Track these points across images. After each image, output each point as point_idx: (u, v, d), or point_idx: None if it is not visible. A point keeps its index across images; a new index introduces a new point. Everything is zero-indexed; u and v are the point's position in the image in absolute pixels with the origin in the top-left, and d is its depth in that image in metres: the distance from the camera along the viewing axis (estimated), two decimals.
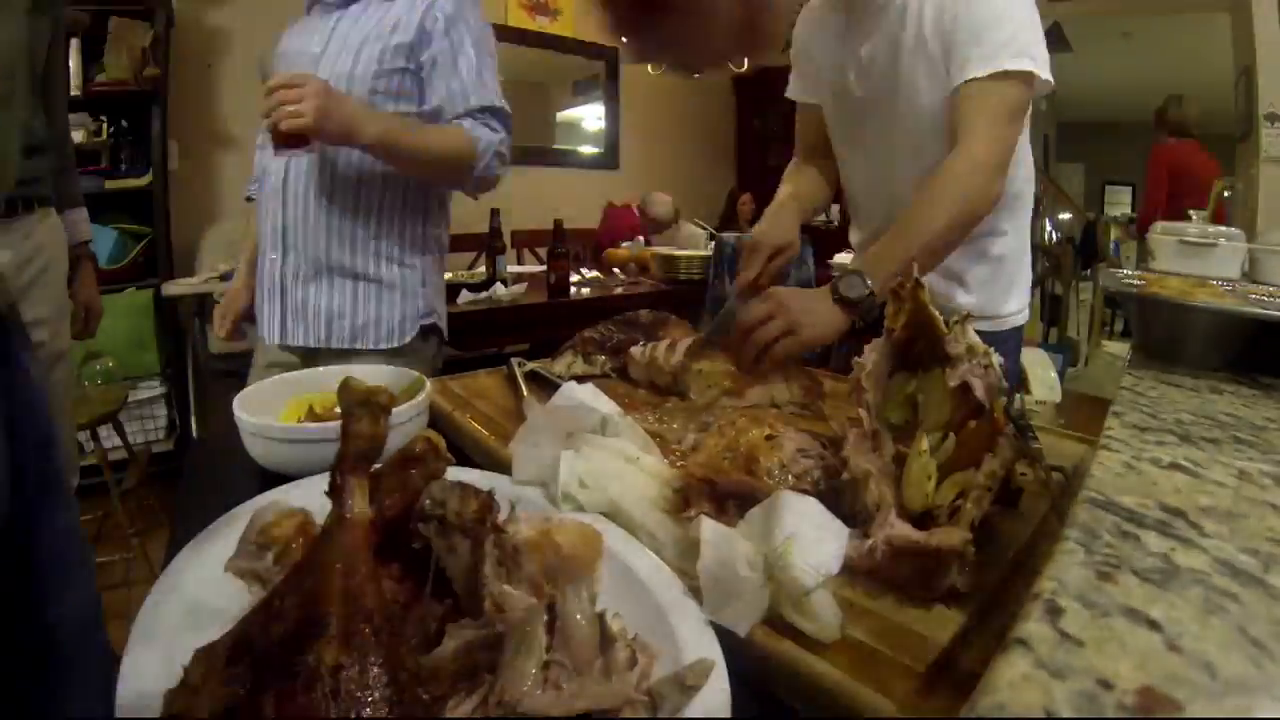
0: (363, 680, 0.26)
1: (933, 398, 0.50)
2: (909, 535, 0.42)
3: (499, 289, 2.31)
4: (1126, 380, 0.63)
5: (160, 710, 0.30)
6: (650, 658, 0.33)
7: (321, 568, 0.31)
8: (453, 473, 0.42)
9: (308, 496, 0.44)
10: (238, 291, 1.39)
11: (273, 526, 0.39)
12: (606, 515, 0.50)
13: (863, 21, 1.00)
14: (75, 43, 2.61)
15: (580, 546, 0.40)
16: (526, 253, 3.74)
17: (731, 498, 0.49)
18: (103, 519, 2.21)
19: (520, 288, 2.35)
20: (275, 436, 0.66)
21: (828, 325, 0.83)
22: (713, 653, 0.36)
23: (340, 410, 0.39)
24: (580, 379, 0.76)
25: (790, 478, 0.51)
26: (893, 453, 0.48)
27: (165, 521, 2.22)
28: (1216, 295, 0.73)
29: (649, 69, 3.49)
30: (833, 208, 3.82)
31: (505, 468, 0.57)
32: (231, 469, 0.72)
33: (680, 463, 0.59)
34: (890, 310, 0.51)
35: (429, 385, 0.77)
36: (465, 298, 2.25)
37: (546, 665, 0.29)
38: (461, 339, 2.24)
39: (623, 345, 0.96)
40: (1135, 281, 0.80)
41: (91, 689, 0.70)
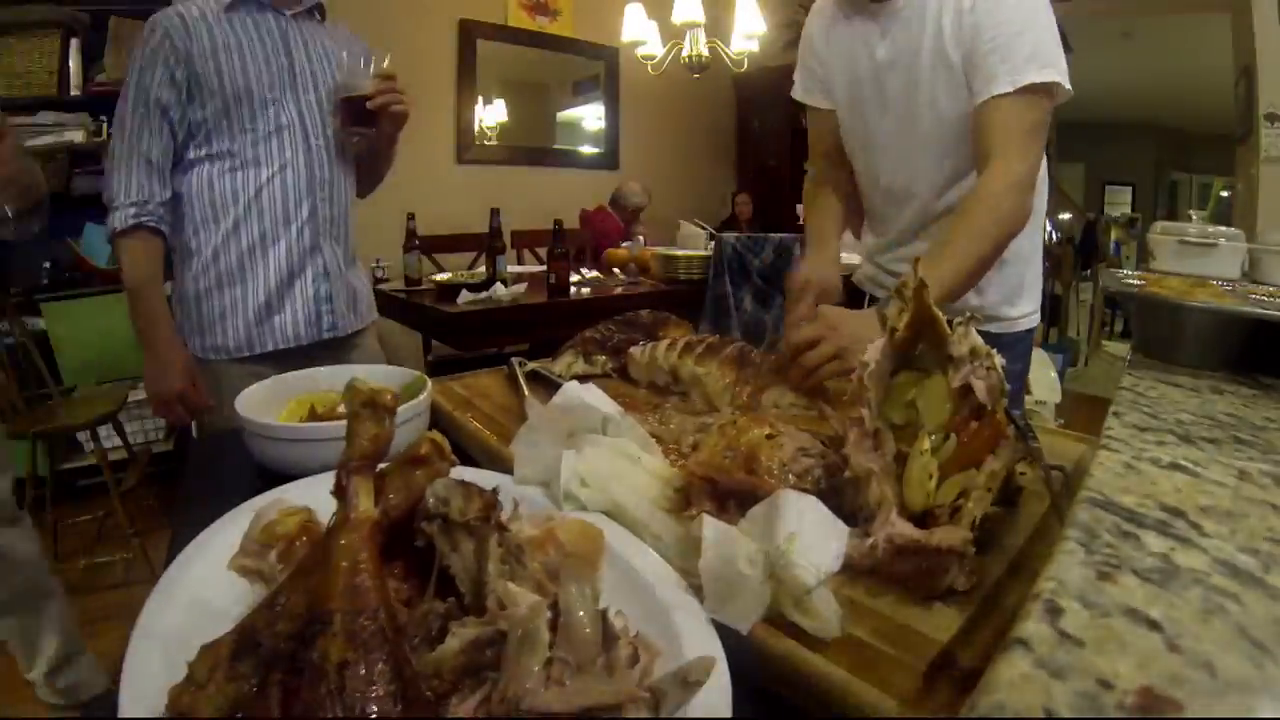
0: (367, 677, 0.26)
1: (934, 398, 0.50)
2: (910, 534, 0.42)
3: (499, 289, 2.31)
4: (1126, 380, 0.63)
5: (164, 707, 0.30)
6: (652, 655, 0.33)
7: (326, 566, 0.31)
8: (455, 472, 0.42)
9: (309, 494, 0.44)
10: (187, 362, 1.32)
11: (276, 525, 0.39)
12: (608, 514, 0.50)
13: (879, 23, 0.99)
14: (75, 43, 2.61)
15: (582, 544, 0.41)
16: (526, 253, 3.74)
17: (732, 496, 0.49)
18: (103, 519, 2.21)
19: (520, 288, 2.35)
20: (276, 436, 0.66)
21: None
22: (714, 651, 0.36)
23: (345, 411, 0.39)
24: (581, 379, 0.76)
25: (791, 476, 0.51)
26: (894, 452, 0.48)
27: (165, 521, 2.22)
28: (1216, 295, 0.73)
29: (649, 69, 3.48)
30: None
31: (507, 467, 0.57)
32: (231, 469, 0.72)
33: (681, 462, 0.59)
34: (893, 310, 0.51)
35: (430, 385, 0.78)
36: (465, 298, 2.25)
37: (549, 663, 0.30)
38: (461, 339, 2.25)
39: (623, 345, 0.96)
40: (1135, 281, 0.80)
41: None
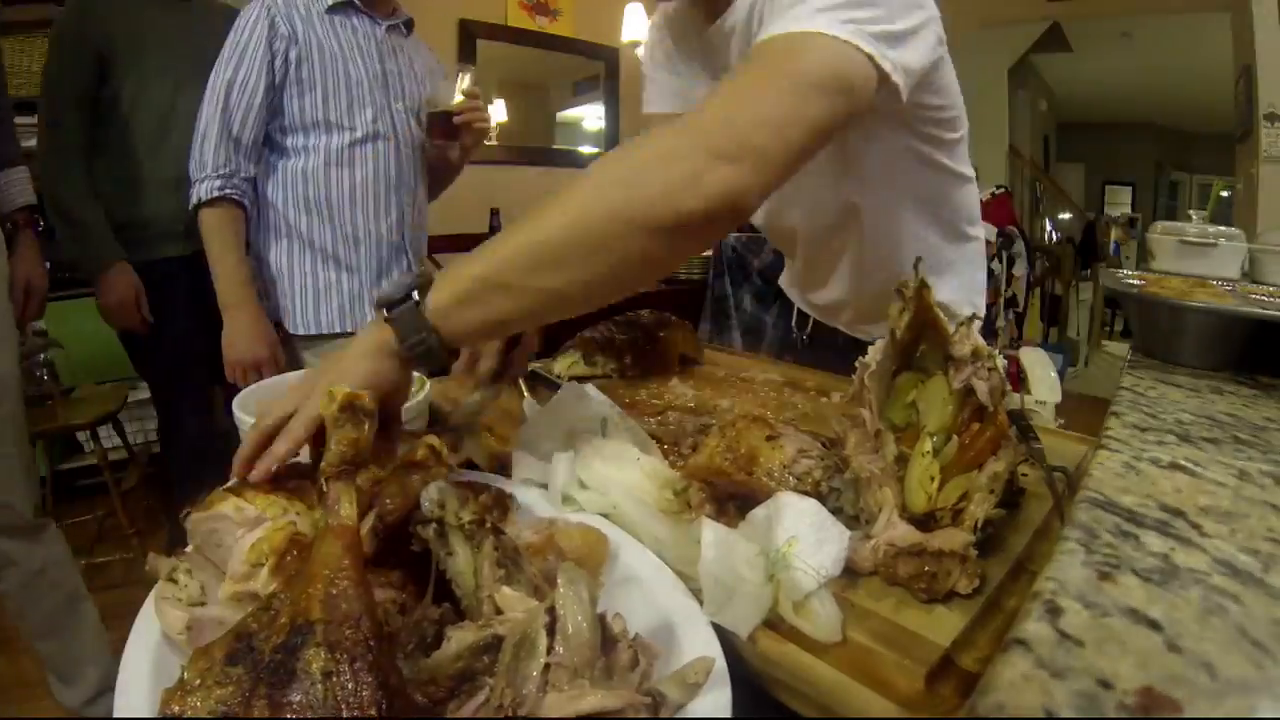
0: (353, 686, 0.26)
1: (935, 400, 0.50)
2: (912, 537, 0.42)
3: None
4: (1126, 380, 0.63)
5: (157, 709, 0.30)
6: (651, 658, 0.33)
7: (307, 576, 0.31)
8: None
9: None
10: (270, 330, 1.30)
11: (262, 543, 0.39)
12: (607, 516, 0.50)
13: (713, 43, 0.87)
14: None
15: (584, 551, 0.41)
16: None
17: (732, 499, 0.49)
18: (103, 519, 2.21)
19: None
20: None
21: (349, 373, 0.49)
22: (714, 653, 0.36)
23: (324, 418, 0.39)
24: (580, 379, 0.75)
25: (791, 479, 0.50)
26: (895, 454, 0.48)
27: (165, 521, 2.22)
28: (1216, 295, 0.73)
29: None
30: None
31: (506, 468, 0.57)
32: (230, 469, 0.72)
33: (680, 464, 0.59)
34: (894, 311, 0.51)
35: (429, 385, 0.77)
36: None
37: (547, 667, 0.29)
38: None
39: (624, 346, 0.96)
40: (1135, 281, 0.80)
41: None
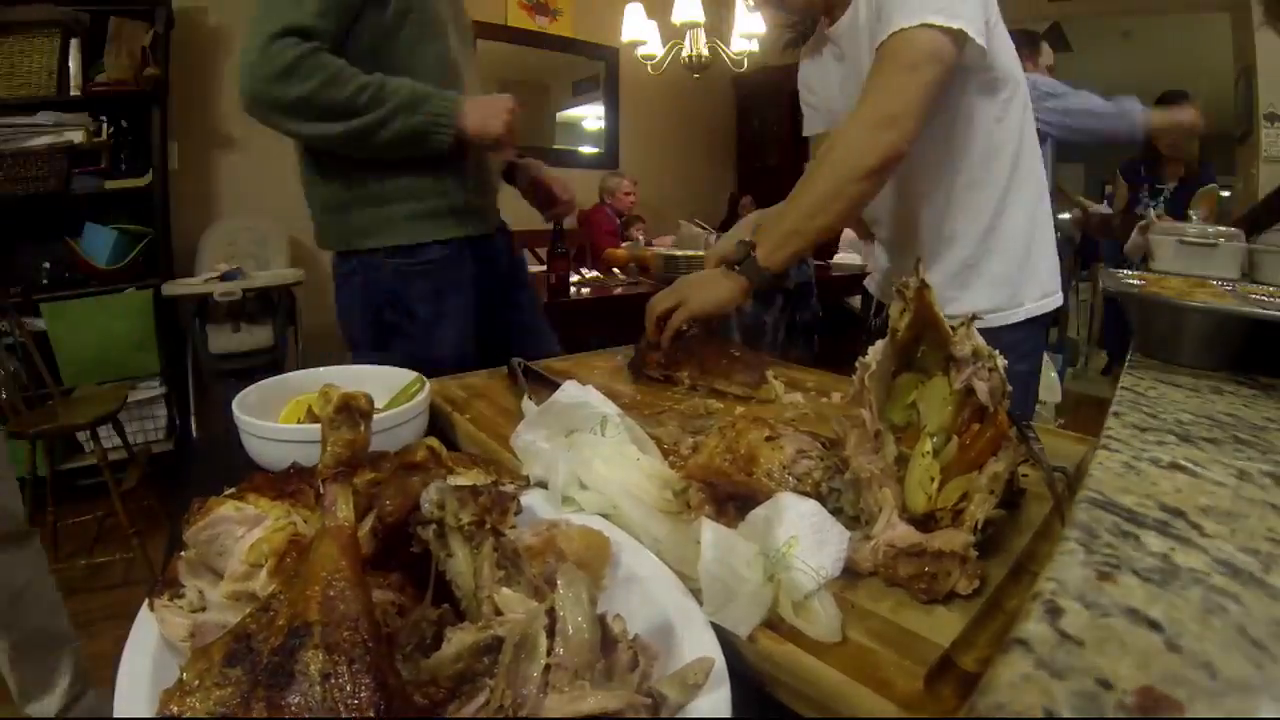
0: (351, 688, 0.26)
1: (935, 400, 0.50)
2: (912, 537, 0.42)
3: None
4: (1126, 380, 0.63)
5: (155, 711, 0.30)
6: (651, 659, 0.33)
7: (305, 578, 0.31)
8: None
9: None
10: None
11: (262, 543, 0.39)
12: (606, 516, 0.50)
13: (838, 45, 1.04)
14: (75, 43, 2.61)
15: (586, 553, 0.40)
16: (526, 253, 3.74)
17: (732, 499, 0.49)
18: (103, 519, 2.21)
19: None
20: (273, 437, 0.66)
21: (717, 293, 0.92)
22: (714, 654, 0.35)
23: (320, 418, 0.39)
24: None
25: (791, 479, 0.50)
26: (895, 454, 0.48)
27: (165, 521, 2.22)
28: (1216, 295, 0.73)
29: (649, 69, 3.48)
30: None
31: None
32: (231, 469, 0.72)
33: (680, 464, 0.59)
34: (895, 310, 0.51)
35: (429, 386, 0.77)
36: None
37: (547, 668, 0.29)
38: None
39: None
40: (1135, 281, 0.80)
41: None
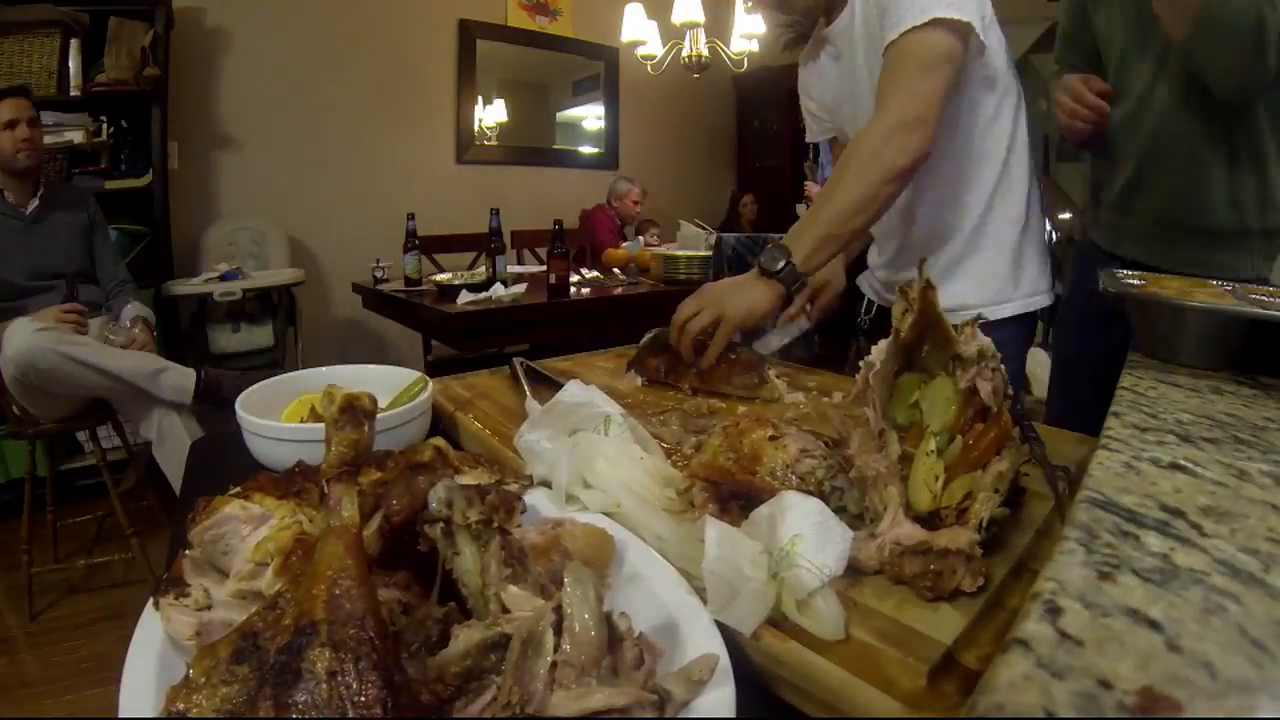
0: (357, 686, 0.26)
1: (939, 400, 0.50)
2: (917, 535, 0.42)
3: (499, 289, 2.31)
4: (1126, 380, 0.63)
5: (161, 708, 0.30)
6: (656, 656, 0.34)
7: (310, 577, 0.31)
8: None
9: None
10: None
11: (267, 541, 0.39)
12: (610, 515, 0.50)
13: (834, 46, 1.05)
14: (75, 43, 2.61)
15: (590, 552, 0.41)
16: (526, 253, 3.74)
17: (735, 498, 0.49)
18: (102, 519, 2.20)
19: (520, 288, 2.35)
20: (276, 436, 0.66)
21: (755, 301, 0.88)
22: (718, 651, 0.36)
23: (324, 419, 0.39)
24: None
25: (794, 478, 0.51)
26: (899, 453, 0.48)
27: (165, 521, 2.22)
28: (1215, 295, 0.73)
29: (649, 69, 3.48)
30: None
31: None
32: (231, 469, 0.72)
33: (683, 463, 0.59)
34: (898, 311, 0.51)
35: (430, 385, 0.78)
36: (465, 298, 2.25)
37: (554, 665, 0.30)
38: (461, 339, 2.25)
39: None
40: (1135, 281, 0.80)
41: None
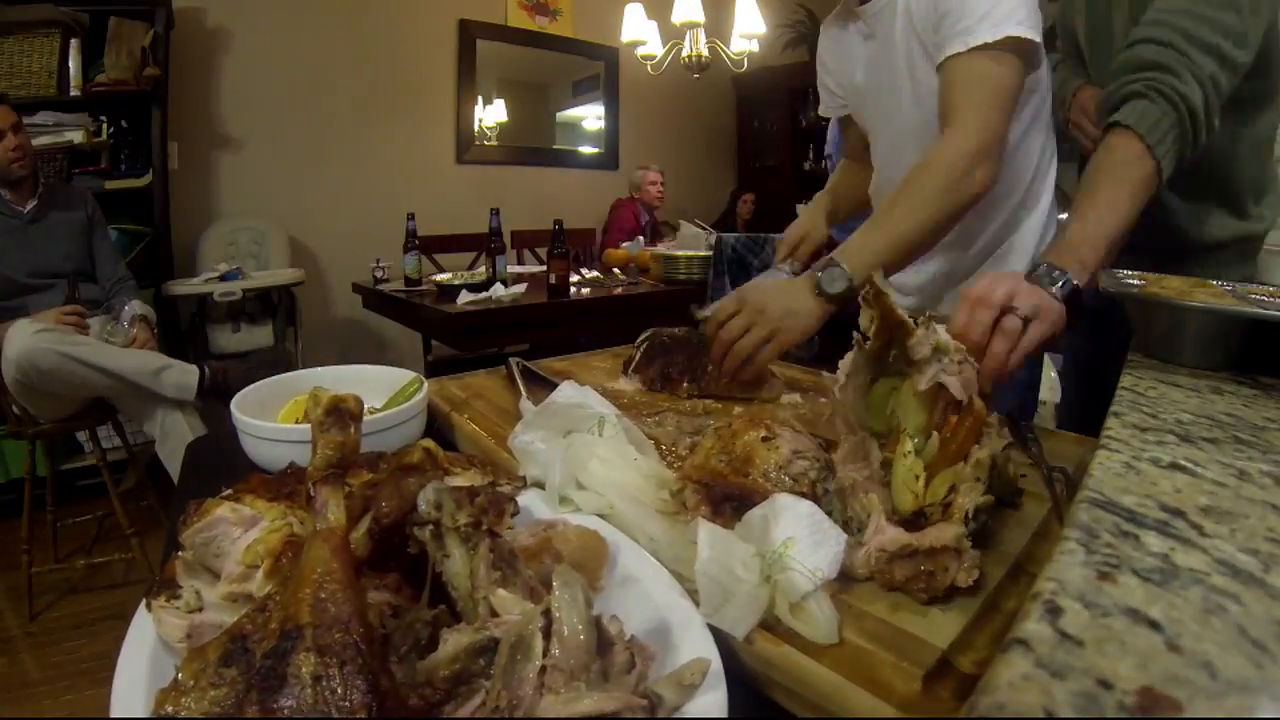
0: (342, 690, 0.26)
1: (909, 402, 0.49)
2: (901, 539, 0.42)
3: (499, 289, 2.31)
4: (1126, 380, 0.63)
5: (151, 709, 0.30)
6: (647, 660, 0.33)
7: (297, 580, 0.31)
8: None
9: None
10: None
11: (257, 544, 0.39)
12: (603, 517, 0.50)
13: (866, 25, 1.01)
14: (75, 43, 2.61)
15: (582, 555, 0.40)
16: (526, 253, 3.74)
17: (728, 500, 0.49)
18: (102, 519, 2.21)
19: (520, 288, 2.35)
20: (274, 437, 0.66)
21: (809, 324, 0.84)
22: (710, 655, 0.35)
23: (310, 420, 0.39)
24: None
25: (787, 479, 0.50)
26: (880, 459, 0.48)
27: (165, 521, 2.22)
28: (1215, 295, 0.72)
29: (649, 69, 3.48)
30: None
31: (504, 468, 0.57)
32: (229, 469, 0.72)
33: (677, 465, 0.58)
34: (864, 319, 0.50)
35: (426, 386, 0.77)
36: (465, 298, 2.25)
37: (543, 669, 0.29)
38: (461, 339, 2.25)
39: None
40: (1135, 281, 0.79)
41: None
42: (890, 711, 0.33)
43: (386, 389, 0.78)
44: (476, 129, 3.99)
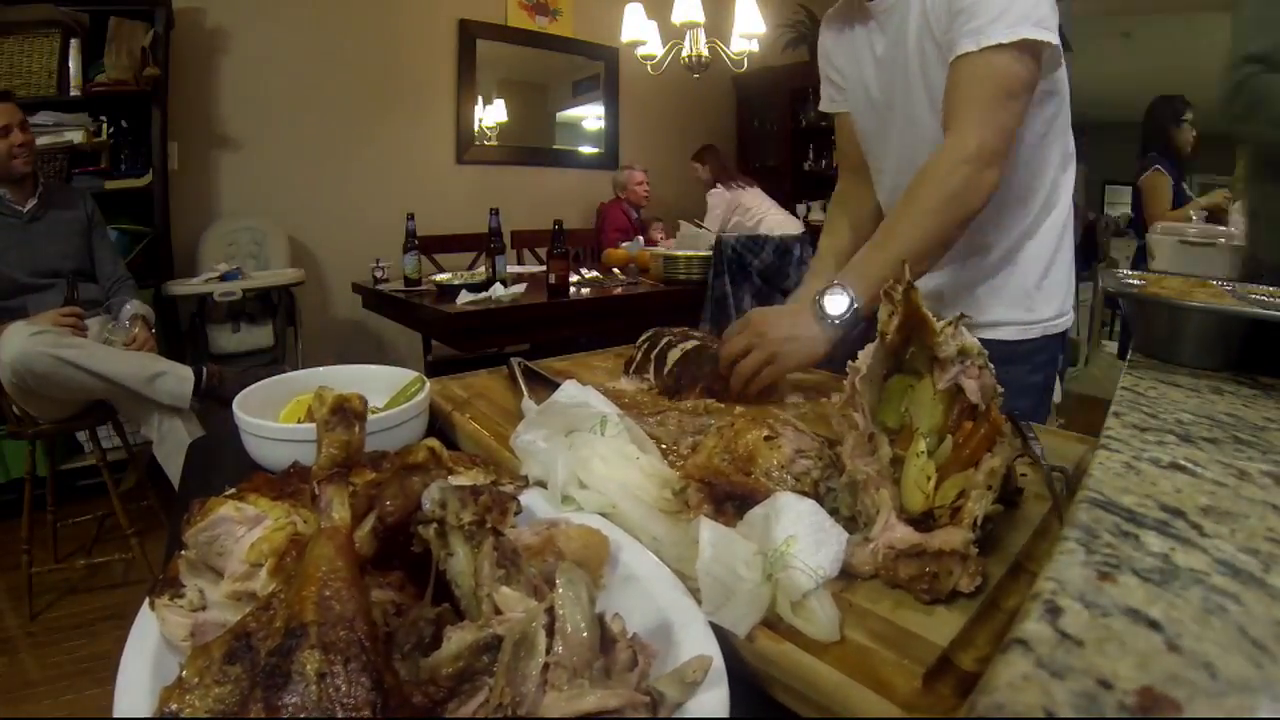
0: (347, 688, 0.26)
1: (925, 401, 0.50)
2: (910, 538, 0.42)
3: (499, 289, 2.31)
4: (1126, 380, 0.63)
5: (155, 708, 0.30)
6: (649, 657, 0.33)
7: (301, 579, 0.31)
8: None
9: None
10: None
11: (262, 542, 0.39)
12: (605, 516, 0.50)
13: (876, 21, 0.98)
14: (75, 43, 2.61)
15: (584, 554, 0.40)
16: (526, 253, 3.74)
17: (730, 498, 0.49)
18: (102, 519, 2.21)
19: (520, 288, 2.35)
20: (274, 436, 0.66)
21: (812, 347, 0.82)
22: (712, 652, 0.35)
23: (315, 420, 0.39)
24: None
25: (789, 479, 0.50)
26: (890, 455, 0.48)
27: (165, 521, 2.22)
28: (1216, 295, 0.72)
29: (649, 69, 3.48)
30: None
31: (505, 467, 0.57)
32: (230, 469, 0.72)
33: (679, 464, 0.59)
34: (884, 313, 0.51)
35: (428, 386, 0.77)
36: (465, 298, 2.25)
37: (546, 667, 0.29)
38: (461, 339, 2.25)
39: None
40: (1135, 281, 0.80)
41: None
42: (892, 710, 0.33)
43: (388, 389, 0.78)
44: (476, 129, 3.99)
